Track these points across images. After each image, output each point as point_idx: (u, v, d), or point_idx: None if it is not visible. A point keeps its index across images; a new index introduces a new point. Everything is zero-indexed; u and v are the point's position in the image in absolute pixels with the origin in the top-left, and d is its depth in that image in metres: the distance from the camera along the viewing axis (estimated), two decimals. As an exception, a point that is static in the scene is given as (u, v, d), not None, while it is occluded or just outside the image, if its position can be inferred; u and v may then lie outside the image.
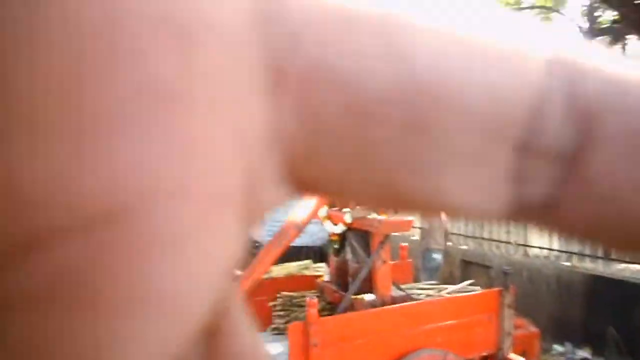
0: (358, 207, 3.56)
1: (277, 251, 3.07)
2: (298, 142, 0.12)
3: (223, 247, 0.12)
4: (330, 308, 3.47)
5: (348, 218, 3.31)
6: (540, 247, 6.42)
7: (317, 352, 2.62)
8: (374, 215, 3.28)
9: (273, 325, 3.66)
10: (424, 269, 5.49)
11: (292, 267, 4.40)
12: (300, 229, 3.20)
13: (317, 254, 7.00)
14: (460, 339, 3.15)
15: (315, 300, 2.79)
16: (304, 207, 3.31)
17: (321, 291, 3.67)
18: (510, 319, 3.34)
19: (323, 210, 3.71)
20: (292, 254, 7.81)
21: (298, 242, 7.76)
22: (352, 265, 3.47)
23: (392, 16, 0.13)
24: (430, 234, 6.54)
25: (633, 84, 0.14)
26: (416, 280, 4.41)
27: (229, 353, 0.15)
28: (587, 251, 6.02)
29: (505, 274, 3.43)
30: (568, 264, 5.84)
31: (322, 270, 4.05)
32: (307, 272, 4.12)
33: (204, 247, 0.11)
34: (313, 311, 2.67)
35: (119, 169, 0.10)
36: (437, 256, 6.48)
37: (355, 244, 3.44)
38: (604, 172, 0.14)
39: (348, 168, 0.13)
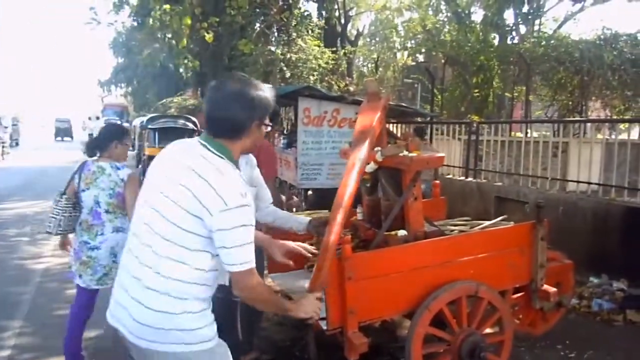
0: (389, 145, 3.57)
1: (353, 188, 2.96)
2: None
3: None
4: (364, 246, 3.55)
5: (379, 157, 3.33)
6: (577, 181, 6.33)
7: (352, 284, 2.72)
8: (405, 153, 3.29)
9: (309, 263, 3.78)
10: None
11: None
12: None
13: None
14: (493, 272, 3.21)
15: (349, 237, 2.87)
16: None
17: (355, 229, 3.75)
18: (543, 252, 3.37)
19: (354, 150, 3.73)
20: (327, 196, 7.91)
21: (330, 184, 7.83)
22: (384, 203, 3.52)
23: None
24: None
25: None
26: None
27: None
28: (626, 184, 5.90)
29: (539, 207, 3.42)
30: (606, 197, 5.75)
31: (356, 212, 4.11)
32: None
33: None
34: (347, 247, 2.76)
35: None
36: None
37: (386, 182, 3.48)
38: None
39: None
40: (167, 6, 10.58)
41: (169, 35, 11.08)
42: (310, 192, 8.36)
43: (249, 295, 1.82)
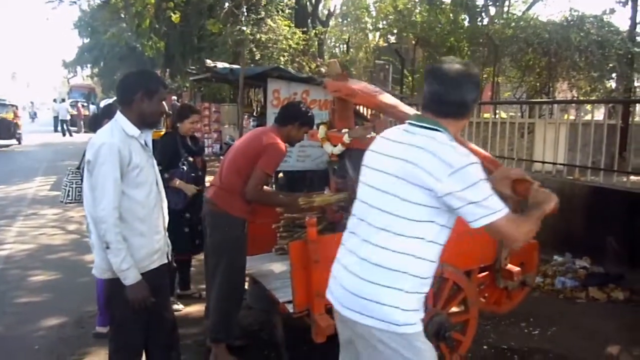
0: (356, 126, 3.55)
1: None
2: None
3: None
4: (332, 228, 3.54)
5: (346, 138, 3.31)
6: (542, 162, 6.43)
7: (319, 267, 2.70)
8: (372, 134, 3.27)
9: (277, 246, 3.76)
10: None
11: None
12: None
13: (322, 177, 7.06)
14: (457, 253, 3.21)
15: (315, 219, 2.84)
16: None
17: (323, 212, 3.73)
18: (507, 232, 3.40)
19: (322, 132, 3.70)
20: (297, 179, 7.89)
21: (301, 166, 7.78)
22: (352, 185, 3.50)
23: None
24: None
25: None
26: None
27: None
28: (589, 164, 6.02)
29: (503, 188, 3.44)
30: (570, 177, 5.85)
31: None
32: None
33: None
34: (312, 229, 2.73)
35: None
36: None
37: (354, 164, 3.45)
38: None
39: None
40: (132, -16, 10.28)
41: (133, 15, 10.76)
42: (280, 175, 8.31)
43: (521, 236, 1.77)
